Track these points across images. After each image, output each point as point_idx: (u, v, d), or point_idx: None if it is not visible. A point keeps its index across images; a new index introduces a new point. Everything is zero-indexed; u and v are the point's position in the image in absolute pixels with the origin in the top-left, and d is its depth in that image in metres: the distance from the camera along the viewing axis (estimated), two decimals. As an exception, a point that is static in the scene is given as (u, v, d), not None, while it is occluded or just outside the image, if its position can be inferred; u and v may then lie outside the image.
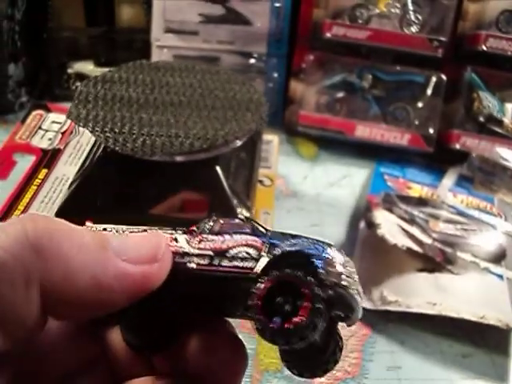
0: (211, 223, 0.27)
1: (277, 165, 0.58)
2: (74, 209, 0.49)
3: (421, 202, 0.66)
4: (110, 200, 0.49)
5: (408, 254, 0.57)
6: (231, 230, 0.27)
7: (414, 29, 0.73)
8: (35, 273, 0.21)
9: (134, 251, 0.24)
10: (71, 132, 0.59)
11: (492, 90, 0.74)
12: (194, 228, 0.27)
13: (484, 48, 0.71)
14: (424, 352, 0.53)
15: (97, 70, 0.78)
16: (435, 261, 0.57)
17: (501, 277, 0.57)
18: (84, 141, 0.58)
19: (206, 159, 0.46)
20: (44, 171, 0.54)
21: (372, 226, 0.61)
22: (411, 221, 0.61)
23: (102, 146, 0.49)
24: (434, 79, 0.75)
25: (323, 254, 0.25)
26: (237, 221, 0.28)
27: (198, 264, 0.25)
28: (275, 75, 0.77)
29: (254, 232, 0.26)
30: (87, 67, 0.79)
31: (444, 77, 0.75)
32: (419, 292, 0.55)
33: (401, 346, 0.53)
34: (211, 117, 0.48)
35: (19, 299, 0.21)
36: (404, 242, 0.56)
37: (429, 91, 0.75)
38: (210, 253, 0.25)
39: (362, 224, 0.64)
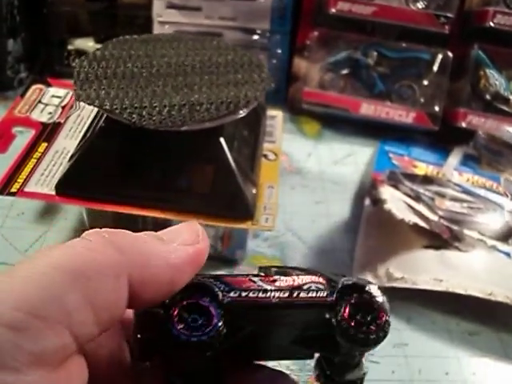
0: (274, 269, 0.30)
1: (281, 140, 0.57)
2: (74, 181, 0.48)
3: (426, 180, 0.65)
4: (112, 172, 0.48)
5: (414, 231, 0.56)
6: (294, 272, 0.29)
7: (420, 4, 0.72)
8: (122, 266, 0.24)
9: (180, 237, 0.28)
10: (72, 106, 0.58)
11: (499, 68, 0.73)
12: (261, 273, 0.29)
13: (491, 25, 0.70)
14: (431, 329, 0.52)
15: (97, 47, 0.77)
16: (442, 238, 0.56)
17: (508, 254, 0.56)
18: (85, 114, 0.57)
19: (210, 129, 0.45)
20: (44, 145, 0.53)
21: (377, 202, 0.60)
22: (417, 198, 0.61)
23: (104, 117, 0.48)
24: (440, 56, 0.74)
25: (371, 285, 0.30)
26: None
27: (279, 298, 0.28)
28: (279, 52, 0.76)
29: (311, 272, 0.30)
30: (87, 44, 0.77)
31: (450, 54, 0.73)
32: (426, 269, 0.54)
33: (407, 324, 0.52)
34: (219, 83, 0.48)
35: (111, 288, 0.24)
36: (411, 217, 0.55)
37: (435, 68, 0.74)
38: (288, 288, 0.28)
39: (367, 201, 0.63)
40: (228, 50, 0.53)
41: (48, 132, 0.55)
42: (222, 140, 0.46)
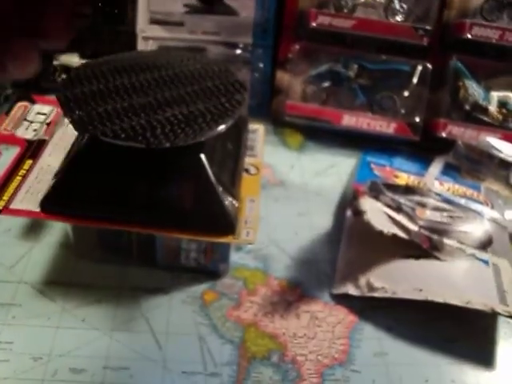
0: None
1: (263, 153, 0.58)
2: (59, 198, 0.49)
3: (407, 190, 0.66)
4: (96, 189, 0.49)
5: (394, 241, 0.57)
6: None
7: (399, 17, 0.73)
8: None
9: None
10: (56, 123, 0.59)
11: (477, 79, 0.74)
12: None
13: (469, 36, 0.72)
14: (411, 337, 0.53)
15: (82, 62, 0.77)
16: (422, 248, 0.57)
17: (486, 262, 0.57)
18: (70, 131, 0.57)
19: (191, 145, 0.45)
20: (29, 162, 0.54)
21: (358, 213, 0.61)
22: (398, 208, 0.61)
23: (87, 135, 0.49)
24: (419, 68, 0.75)
25: None
26: None
27: None
28: (261, 65, 0.77)
29: None
30: (73, 59, 0.78)
31: (430, 65, 0.75)
32: (405, 278, 0.55)
33: (388, 332, 0.53)
34: (199, 98, 0.48)
35: None
36: (390, 228, 0.56)
37: (415, 80, 0.75)
38: None
39: (349, 212, 0.64)
40: (208, 64, 0.54)
41: (33, 149, 0.55)
42: (202, 156, 0.47)
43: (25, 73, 0.38)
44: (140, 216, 0.49)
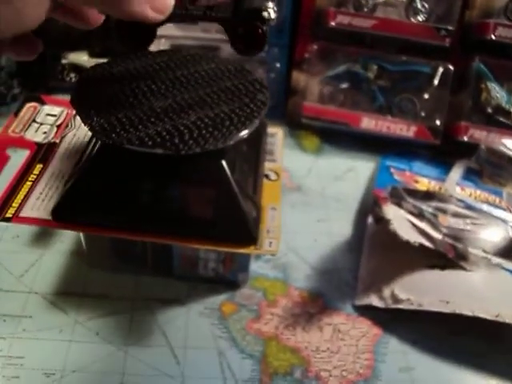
0: None
1: (282, 158, 0.56)
2: (71, 207, 0.47)
3: (428, 195, 0.64)
4: (110, 197, 0.46)
5: (418, 250, 0.55)
6: None
7: (420, 17, 0.71)
8: None
9: None
10: (67, 125, 0.57)
11: (500, 81, 0.72)
12: None
13: (492, 37, 0.69)
14: (437, 352, 0.51)
15: (91, 61, 0.75)
16: (446, 257, 0.55)
17: (513, 273, 0.55)
18: (81, 134, 0.55)
19: (211, 152, 0.43)
20: (39, 166, 0.52)
21: (380, 220, 0.59)
22: (420, 215, 0.59)
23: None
24: (440, 69, 0.73)
25: None
26: None
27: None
28: (277, 65, 0.75)
29: None
30: (82, 58, 0.76)
31: (451, 67, 0.72)
32: (431, 289, 0.53)
33: (413, 346, 0.51)
34: (219, 102, 0.46)
35: None
36: (416, 238, 0.54)
37: (435, 82, 0.73)
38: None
39: (370, 219, 0.62)
40: (222, 63, 0.52)
41: (43, 152, 0.53)
42: (223, 163, 0.45)
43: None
44: (156, 225, 0.46)
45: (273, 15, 0.44)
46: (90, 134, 0.52)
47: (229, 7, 0.43)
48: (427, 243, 0.54)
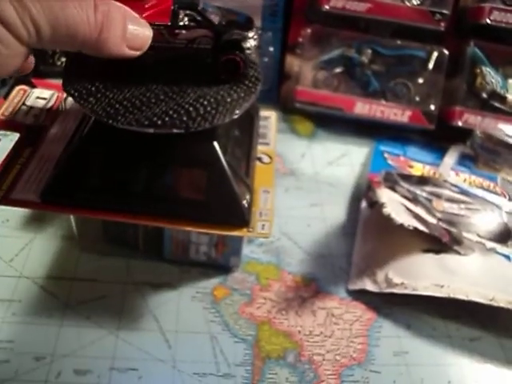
0: None
1: (275, 142, 0.56)
2: (61, 188, 0.46)
3: (423, 180, 0.63)
4: (100, 178, 0.46)
5: (413, 235, 0.55)
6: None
7: (415, 1, 0.70)
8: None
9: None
10: (58, 108, 0.56)
11: (495, 66, 0.72)
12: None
13: (488, 21, 0.69)
14: (431, 336, 0.51)
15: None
16: (441, 241, 0.55)
17: (508, 257, 0.55)
18: (71, 117, 0.54)
19: (202, 133, 0.43)
20: (29, 149, 0.51)
21: (374, 204, 0.59)
22: (414, 200, 0.59)
23: (91, 120, 0.46)
24: (435, 54, 0.72)
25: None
26: None
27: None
28: (270, 49, 0.74)
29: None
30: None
31: (446, 51, 0.72)
32: (426, 274, 0.52)
33: (407, 331, 0.51)
34: (210, 83, 0.45)
35: None
36: (410, 221, 0.54)
37: (430, 66, 0.72)
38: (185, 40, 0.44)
39: (364, 203, 0.61)
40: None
41: (33, 136, 0.52)
42: (215, 144, 0.44)
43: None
44: (147, 207, 0.46)
45: (252, 44, 0.46)
46: (80, 116, 0.52)
47: (210, 39, 0.44)
48: (422, 227, 0.54)
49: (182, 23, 0.44)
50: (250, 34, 0.46)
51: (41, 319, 0.47)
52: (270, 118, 0.59)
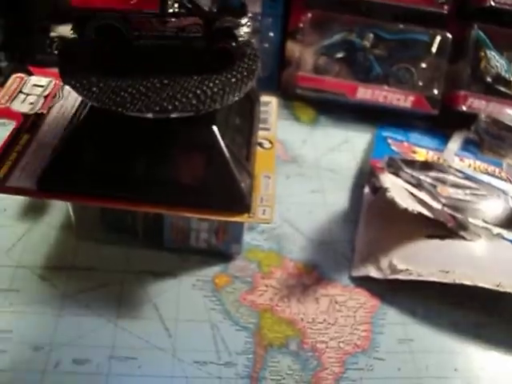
0: None
1: (276, 127, 0.55)
2: (58, 175, 0.45)
3: (427, 166, 0.62)
4: (97, 164, 0.45)
5: (417, 220, 0.54)
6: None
7: (417, -16, 0.69)
8: None
9: None
10: (55, 95, 0.55)
11: (500, 49, 0.70)
12: None
13: (492, 4, 0.68)
14: (436, 323, 0.50)
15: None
16: (446, 227, 0.54)
17: (514, 243, 0.54)
18: (69, 104, 0.54)
19: (202, 117, 0.42)
20: (26, 137, 0.50)
21: (377, 190, 0.58)
22: (418, 185, 0.58)
23: (88, 106, 0.45)
24: (438, 38, 0.71)
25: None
26: None
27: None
28: (271, 35, 0.73)
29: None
30: (71, 30, 0.74)
31: (449, 35, 0.71)
32: (431, 260, 0.51)
33: (412, 317, 0.50)
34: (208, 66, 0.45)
35: None
36: (414, 206, 0.53)
37: (433, 50, 0.71)
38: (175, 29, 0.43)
39: (367, 189, 0.60)
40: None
41: (30, 123, 0.52)
42: (214, 128, 0.44)
43: None
44: (146, 193, 0.45)
45: (245, 31, 0.45)
46: (77, 103, 0.51)
47: (201, 27, 0.43)
48: (426, 212, 0.53)
49: (171, 10, 0.43)
50: (243, 21, 0.45)
51: (39, 308, 0.46)
52: (270, 103, 0.58)
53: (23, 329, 0.45)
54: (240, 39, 0.44)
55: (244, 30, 0.44)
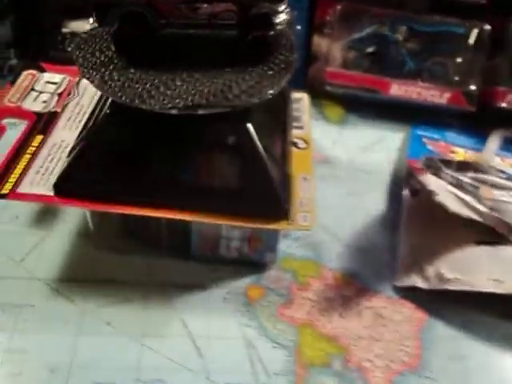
0: None
1: (309, 125, 0.51)
2: (75, 179, 0.43)
3: (464, 166, 0.58)
4: (119, 167, 0.42)
5: (463, 225, 0.50)
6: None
7: (453, -27, 0.65)
8: None
9: None
10: (69, 93, 0.52)
11: (541, 43, 0.67)
12: None
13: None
14: (490, 337, 0.46)
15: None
16: (495, 232, 0.50)
17: None
18: (85, 102, 0.51)
19: (235, 114, 0.39)
20: (39, 138, 0.48)
21: (418, 193, 0.54)
22: (460, 187, 0.54)
23: (109, 103, 0.42)
24: (476, 30, 0.67)
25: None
26: None
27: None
28: (297, 28, 0.69)
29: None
30: (84, 26, 0.71)
31: (488, 27, 0.67)
32: (481, 268, 0.48)
33: (463, 331, 0.46)
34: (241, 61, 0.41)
35: None
36: (462, 210, 0.49)
37: (470, 44, 0.67)
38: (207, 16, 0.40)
39: (406, 191, 0.56)
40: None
41: (43, 123, 0.49)
42: (249, 125, 0.40)
43: None
44: (172, 198, 0.42)
45: (284, 18, 0.42)
46: (94, 101, 0.48)
47: (235, 14, 0.40)
48: (475, 216, 0.49)
49: None
50: (281, 8, 0.41)
51: (56, 326, 0.43)
52: (302, 99, 0.55)
53: (39, 348, 0.42)
54: (278, 27, 0.40)
55: (282, 17, 0.41)
